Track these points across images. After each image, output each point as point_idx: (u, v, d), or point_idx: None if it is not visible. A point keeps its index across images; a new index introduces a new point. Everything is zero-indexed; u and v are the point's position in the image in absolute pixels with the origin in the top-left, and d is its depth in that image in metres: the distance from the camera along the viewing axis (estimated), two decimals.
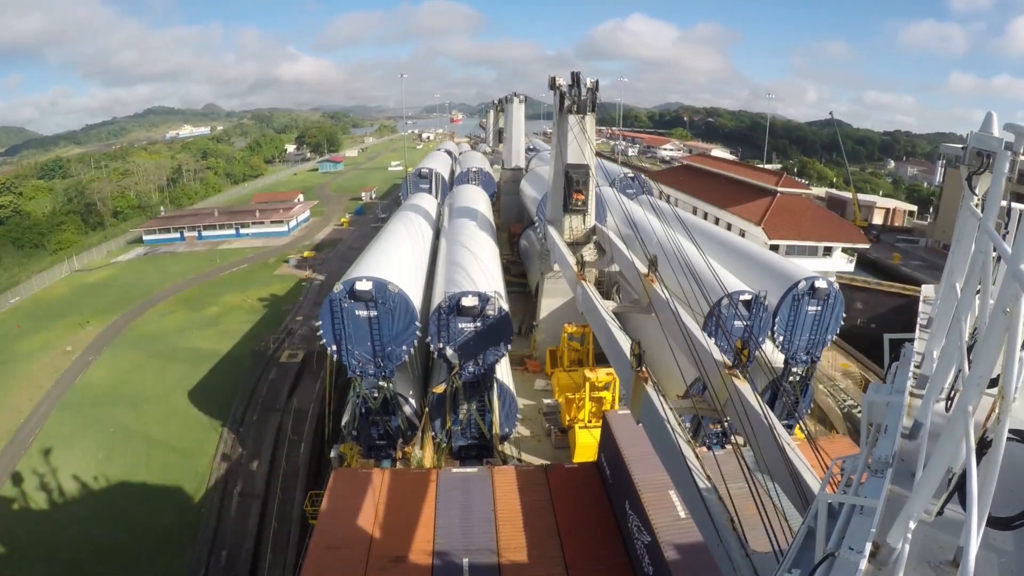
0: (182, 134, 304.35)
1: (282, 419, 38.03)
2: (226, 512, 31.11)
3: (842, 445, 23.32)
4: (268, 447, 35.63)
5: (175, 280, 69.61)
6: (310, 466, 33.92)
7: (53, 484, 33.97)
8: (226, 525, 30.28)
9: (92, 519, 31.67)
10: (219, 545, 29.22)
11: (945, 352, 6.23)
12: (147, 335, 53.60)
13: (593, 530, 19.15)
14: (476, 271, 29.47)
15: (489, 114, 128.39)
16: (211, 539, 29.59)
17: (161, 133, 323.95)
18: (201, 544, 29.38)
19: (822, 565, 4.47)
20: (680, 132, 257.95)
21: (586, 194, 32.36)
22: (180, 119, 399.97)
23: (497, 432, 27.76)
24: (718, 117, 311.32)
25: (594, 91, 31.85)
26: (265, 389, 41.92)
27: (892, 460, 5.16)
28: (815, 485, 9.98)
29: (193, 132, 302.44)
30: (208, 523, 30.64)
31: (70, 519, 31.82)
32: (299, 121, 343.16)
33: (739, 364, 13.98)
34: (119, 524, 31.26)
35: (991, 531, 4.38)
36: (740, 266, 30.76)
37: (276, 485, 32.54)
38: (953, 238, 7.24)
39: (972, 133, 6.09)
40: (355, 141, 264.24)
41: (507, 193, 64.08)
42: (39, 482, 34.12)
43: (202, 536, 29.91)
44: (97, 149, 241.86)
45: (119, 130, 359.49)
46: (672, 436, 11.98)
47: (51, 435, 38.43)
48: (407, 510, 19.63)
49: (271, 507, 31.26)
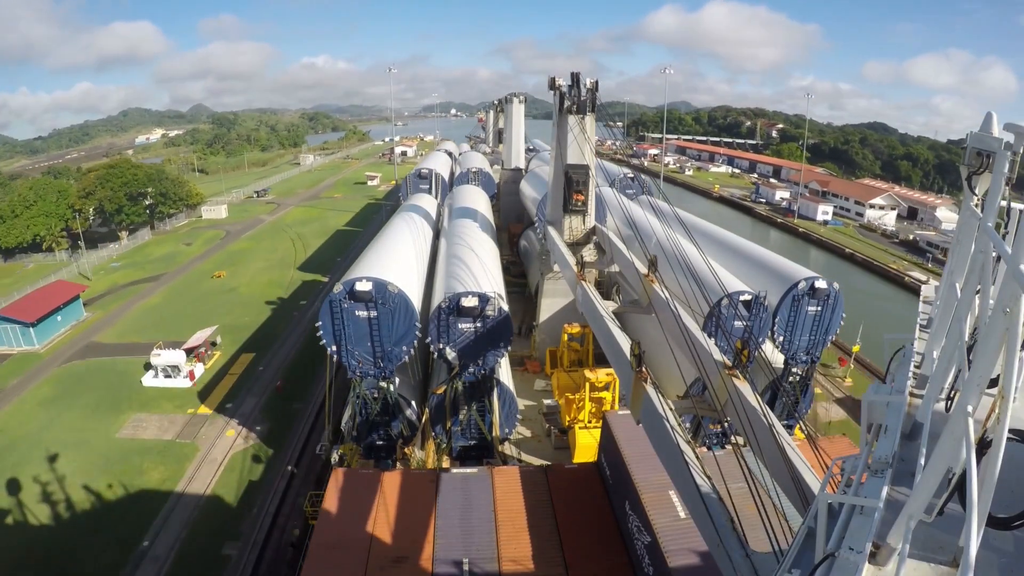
0: (152, 138, 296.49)
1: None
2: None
3: (842, 445, 23.34)
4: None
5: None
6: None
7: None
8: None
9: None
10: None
11: (945, 352, 6.22)
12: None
13: (593, 530, 19.15)
14: (476, 271, 29.47)
15: (489, 114, 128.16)
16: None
17: (131, 138, 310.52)
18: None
19: (822, 565, 4.47)
20: (791, 148, 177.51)
21: (586, 194, 32.38)
22: (154, 121, 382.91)
23: (497, 433, 27.76)
24: (793, 126, 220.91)
25: (593, 91, 31.88)
26: None
27: (892, 460, 5.15)
28: (815, 485, 9.99)
29: (151, 138, 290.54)
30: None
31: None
32: (270, 122, 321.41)
33: (739, 364, 13.98)
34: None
35: (991, 531, 4.38)
36: (740, 266, 30.77)
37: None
38: (953, 238, 7.25)
39: (972, 133, 6.09)
40: (281, 159, 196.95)
41: (507, 193, 64.11)
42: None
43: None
44: (38, 162, 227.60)
45: (82, 135, 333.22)
46: (672, 436, 11.98)
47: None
48: (407, 510, 19.63)
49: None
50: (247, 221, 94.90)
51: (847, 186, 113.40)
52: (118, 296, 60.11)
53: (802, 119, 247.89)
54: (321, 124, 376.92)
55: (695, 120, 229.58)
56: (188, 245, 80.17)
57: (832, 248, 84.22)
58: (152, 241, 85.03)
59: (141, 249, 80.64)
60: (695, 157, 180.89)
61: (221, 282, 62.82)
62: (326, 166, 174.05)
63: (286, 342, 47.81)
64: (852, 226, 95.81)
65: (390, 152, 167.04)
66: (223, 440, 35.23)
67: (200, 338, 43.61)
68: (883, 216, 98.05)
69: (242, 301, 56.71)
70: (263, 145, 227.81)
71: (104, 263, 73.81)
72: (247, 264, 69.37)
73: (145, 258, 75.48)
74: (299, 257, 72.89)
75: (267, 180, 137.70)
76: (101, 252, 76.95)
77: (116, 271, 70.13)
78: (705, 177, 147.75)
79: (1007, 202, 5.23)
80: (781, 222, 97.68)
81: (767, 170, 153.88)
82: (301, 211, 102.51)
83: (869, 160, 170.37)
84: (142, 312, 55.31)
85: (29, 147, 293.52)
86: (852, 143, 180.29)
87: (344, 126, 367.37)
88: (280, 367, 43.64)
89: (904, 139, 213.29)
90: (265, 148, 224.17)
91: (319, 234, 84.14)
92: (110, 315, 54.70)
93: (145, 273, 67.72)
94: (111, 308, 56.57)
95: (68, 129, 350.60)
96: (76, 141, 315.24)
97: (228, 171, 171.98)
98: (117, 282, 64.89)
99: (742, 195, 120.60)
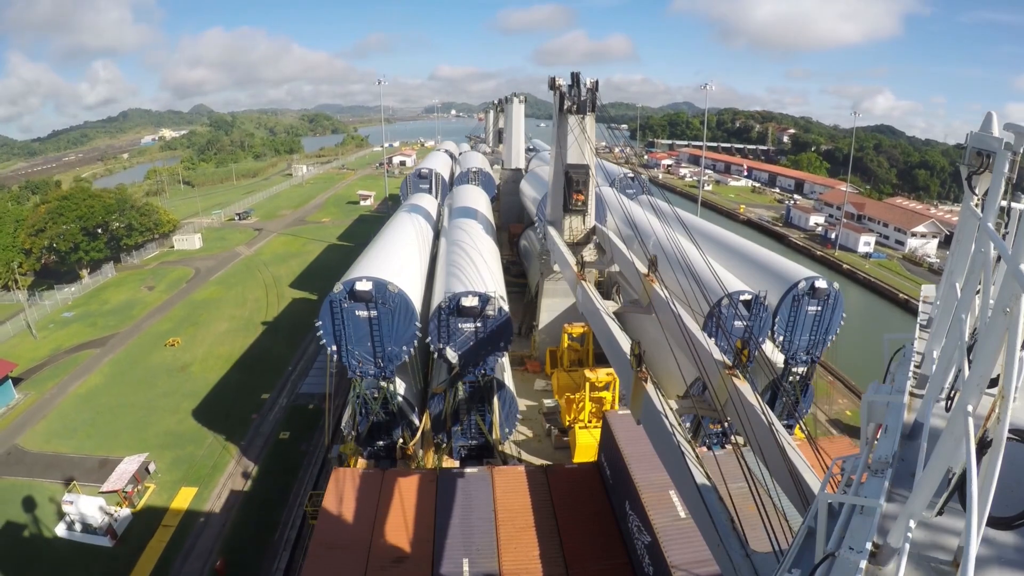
0: (145, 140, 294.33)
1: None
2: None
3: (842, 445, 23.38)
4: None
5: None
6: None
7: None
8: None
9: None
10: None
11: (945, 352, 6.23)
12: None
13: (593, 530, 19.15)
14: (476, 271, 29.47)
15: (489, 114, 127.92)
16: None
17: (127, 139, 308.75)
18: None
19: (822, 565, 4.47)
20: (809, 158, 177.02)
21: (586, 194, 32.37)
22: (154, 122, 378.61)
23: (498, 435, 27.76)
24: (806, 132, 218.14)
25: (594, 91, 31.87)
26: None
27: (892, 460, 5.15)
28: (815, 485, 9.99)
29: (151, 139, 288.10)
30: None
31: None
32: (269, 124, 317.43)
33: (739, 364, 13.97)
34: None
35: (991, 531, 4.38)
36: (740, 266, 30.75)
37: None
38: (953, 238, 7.25)
39: (972, 133, 6.09)
40: (273, 169, 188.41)
41: (507, 193, 64.13)
42: None
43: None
44: (34, 165, 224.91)
45: (80, 137, 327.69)
46: (672, 436, 11.99)
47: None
48: (407, 510, 19.64)
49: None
50: (221, 255, 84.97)
51: (885, 210, 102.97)
52: (57, 369, 51.17)
53: (809, 121, 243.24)
54: (321, 126, 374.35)
55: (702, 123, 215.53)
56: (150, 290, 71.28)
57: (883, 291, 72.42)
58: (113, 282, 75.25)
59: (99, 293, 71.40)
60: (710, 167, 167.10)
61: (174, 354, 52.80)
62: (319, 178, 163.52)
63: (237, 469, 36.61)
64: (895, 258, 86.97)
65: (387, 162, 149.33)
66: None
67: (125, 474, 34.33)
68: (925, 244, 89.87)
69: (192, 389, 46.20)
70: (256, 152, 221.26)
71: (56, 311, 65.57)
72: (208, 325, 59.28)
73: (101, 307, 66.57)
74: (270, 312, 62.80)
75: (253, 197, 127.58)
76: (57, 295, 68.65)
77: (67, 324, 61.95)
78: (726, 193, 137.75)
79: (1007, 202, 5.24)
80: (821, 254, 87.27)
81: (788, 183, 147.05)
82: (281, 242, 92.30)
83: (884, 168, 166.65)
84: (77, 400, 45.83)
85: (27, 149, 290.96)
86: (867, 149, 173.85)
87: (344, 128, 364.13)
88: (225, 521, 32.27)
89: (912, 142, 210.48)
90: (258, 156, 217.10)
91: (296, 277, 73.57)
92: (43, 400, 45.83)
93: (95, 332, 59.15)
94: (47, 388, 47.58)
95: (66, 131, 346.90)
96: (74, 143, 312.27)
97: (215, 183, 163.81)
98: (61, 345, 56.13)
99: (771, 217, 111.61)
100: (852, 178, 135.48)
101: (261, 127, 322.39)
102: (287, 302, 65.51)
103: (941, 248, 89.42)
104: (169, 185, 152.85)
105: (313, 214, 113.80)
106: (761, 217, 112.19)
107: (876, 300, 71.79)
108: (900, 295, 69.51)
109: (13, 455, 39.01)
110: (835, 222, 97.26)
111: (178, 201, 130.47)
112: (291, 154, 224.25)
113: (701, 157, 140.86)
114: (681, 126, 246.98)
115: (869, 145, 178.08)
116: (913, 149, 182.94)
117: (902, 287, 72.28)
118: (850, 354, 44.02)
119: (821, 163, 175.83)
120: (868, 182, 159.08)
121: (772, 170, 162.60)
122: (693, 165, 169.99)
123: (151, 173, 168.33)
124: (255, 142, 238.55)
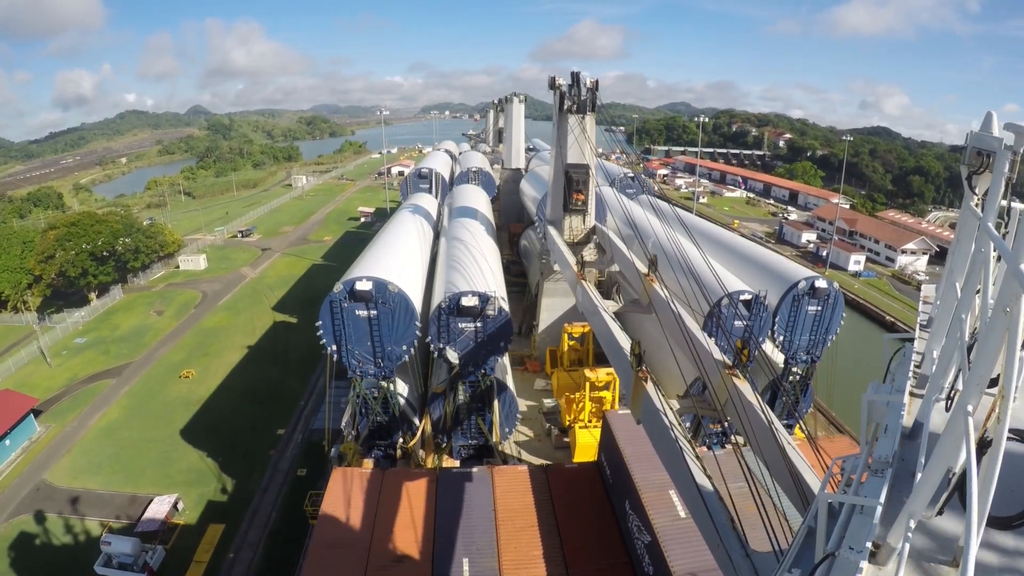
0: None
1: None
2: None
3: (842, 445, 23.41)
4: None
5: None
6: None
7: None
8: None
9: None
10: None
11: (945, 352, 6.23)
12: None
13: (593, 530, 19.16)
14: (476, 271, 29.46)
15: (489, 114, 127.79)
16: None
17: (125, 142, 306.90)
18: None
19: (822, 565, 4.46)
20: (804, 167, 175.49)
21: (586, 194, 32.36)
22: (151, 124, 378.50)
23: (498, 435, 27.76)
24: (803, 135, 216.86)
25: (594, 91, 31.86)
26: None
27: (892, 460, 5.15)
28: (815, 485, 9.99)
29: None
30: None
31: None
32: (267, 127, 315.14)
33: (739, 364, 13.97)
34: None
35: (991, 531, 4.38)
36: (740, 266, 30.75)
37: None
38: (953, 238, 7.24)
39: (972, 133, 6.09)
40: (272, 179, 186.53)
41: (507, 193, 64.14)
42: None
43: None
44: (32, 168, 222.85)
45: (78, 139, 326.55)
46: (672, 436, 11.99)
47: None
48: (407, 510, 19.65)
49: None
50: (226, 277, 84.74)
51: (876, 226, 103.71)
52: (75, 400, 51.26)
53: (806, 124, 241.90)
54: (319, 128, 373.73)
55: (698, 127, 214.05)
56: (159, 315, 71.14)
57: (871, 314, 71.83)
58: (122, 305, 75.04)
59: (109, 317, 70.99)
60: (705, 176, 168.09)
61: (189, 387, 52.97)
62: (318, 189, 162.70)
63: (261, 505, 37.82)
64: (885, 276, 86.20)
65: (386, 172, 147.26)
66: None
67: (157, 514, 35.73)
68: (915, 261, 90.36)
69: (211, 423, 46.82)
70: (256, 160, 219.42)
71: (68, 337, 65.43)
72: (220, 355, 59.24)
73: (112, 332, 66.31)
74: (278, 343, 62.72)
75: (254, 211, 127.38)
76: (67, 318, 68.56)
77: (80, 351, 61.71)
78: (720, 205, 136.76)
79: (1007, 202, 5.24)
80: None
81: (783, 194, 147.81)
82: (285, 264, 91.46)
83: (880, 173, 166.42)
84: (99, 434, 46.01)
85: (25, 151, 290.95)
86: (862, 155, 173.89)
87: (342, 131, 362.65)
88: (253, 556, 33.90)
89: (908, 144, 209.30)
90: (257, 164, 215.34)
91: (301, 303, 72.05)
92: (65, 433, 45.97)
93: (108, 360, 59.16)
94: (67, 420, 47.85)
95: (64, 133, 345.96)
96: (71, 145, 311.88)
97: (216, 194, 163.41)
98: (76, 374, 56.12)
99: (764, 233, 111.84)
100: (846, 187, 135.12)
101: (259, 130, 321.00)
102: (294, 331, 65.49)
103: (931, 264, 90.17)
104: (170, 196, 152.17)
105: (315, 232, 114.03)
106: (755, 233, 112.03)
107: (862, 321, 71.24)
108: (887, 317, 70.31)
109: (42, 491, 39.47)
110: (827, 238, 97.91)
111: (180, 214, 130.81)
112: (290, 162, 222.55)
113: (696, 166, 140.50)
114: (678, 130, 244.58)
115: (865, 150, 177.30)
116: (908, 153, 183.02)
117: (889, 308, 72.96)
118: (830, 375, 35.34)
119: (816, 172, 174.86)
120: (863, 188, 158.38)
121: (767, 180, 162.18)
122: (688, 174, 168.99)
123: (152, 184, 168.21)
124: (254, 149, 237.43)
